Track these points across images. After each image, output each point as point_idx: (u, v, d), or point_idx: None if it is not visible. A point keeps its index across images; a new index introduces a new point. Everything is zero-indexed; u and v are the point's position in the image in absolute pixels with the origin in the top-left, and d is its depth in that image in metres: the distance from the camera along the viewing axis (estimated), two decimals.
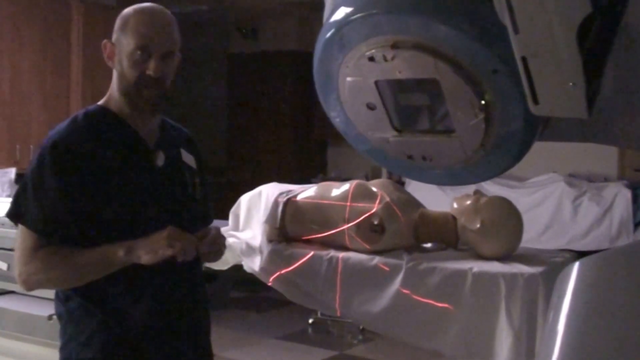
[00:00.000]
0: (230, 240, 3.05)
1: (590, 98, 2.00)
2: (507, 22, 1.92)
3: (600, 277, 1.69)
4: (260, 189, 3.09)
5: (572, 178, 7.65)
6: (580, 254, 2.12)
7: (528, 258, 2.72)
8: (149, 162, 2.44)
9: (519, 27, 1.89)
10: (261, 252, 2.94)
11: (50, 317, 3.27)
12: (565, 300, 1.63)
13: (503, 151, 2.75)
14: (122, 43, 2.39)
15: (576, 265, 1.68)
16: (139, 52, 2.36)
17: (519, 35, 1.91)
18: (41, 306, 3.41)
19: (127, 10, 2.47)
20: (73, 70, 7.71)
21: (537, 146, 2.76)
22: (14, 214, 2.35)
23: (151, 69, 2.37)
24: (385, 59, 2.64)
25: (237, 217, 3.11)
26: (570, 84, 1.94)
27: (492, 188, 6.86)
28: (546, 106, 2.06)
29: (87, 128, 2.39)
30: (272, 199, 2.99)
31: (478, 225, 2.71)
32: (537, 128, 2.65)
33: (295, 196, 3.01)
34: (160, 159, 2.46)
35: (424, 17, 2.54)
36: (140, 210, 2.39)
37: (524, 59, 1.96)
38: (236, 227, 3.10)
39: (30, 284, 2.38)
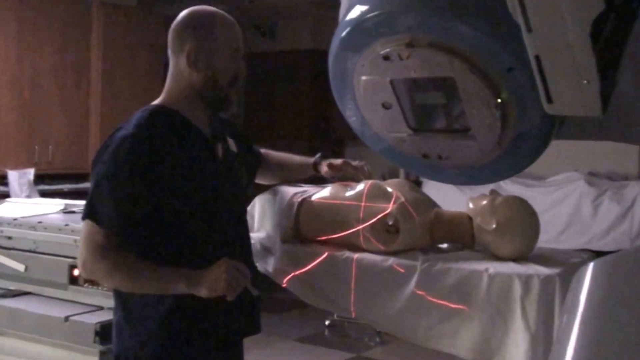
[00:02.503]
0: None
1: (604, 96, 1.98)
2: (520, 20, 1.90)
3: (615, 278, 1.66)
4: (275, 188, 3.08)
5: (592, 177, 7.57)
6: (599, 254, 2.08)
7: (545, 259, 2.67)
8: (212, 156, 2.58)
9: (532, 25, 1.87)
10: (275, 252, 2.93)
11: (66, 319, 3.28)
12: (579, 302, 1.60)
13: (520, 150, 2.73)
14: (213, 47, 2.52)
15: (590, 266, 1.65)
16: (235, 54, 2.54)
17: (532, 34, 1.90)
18: (58, 308, 3.42)
19: (201, 14, 2.57)
20: (93, 72, 7.74)
21: (557, 144, 2.73)
22: (88, 213, 2.42)
23: (243, 69, 2.60)
24: (400, 58, 2.63)
25: (251, 217, 3.08)
26: (584, 82, 1.91)
27: (510, 187, 6.80)
28: (560, 105, 2.04)
29: (155, 128, 2.48)
30: (286, 199, 2.98)
31: (494, 226, 2.67)
32: (554, 126, 2.63)
33: (310, 196, 2.99)
34: (219, 152, 2.61)
35: (439, 15, 2.53)
36: (214, 203, 2.56)
37: (537, 58, 1.94)
38: (251, 228, 3.07)
39: (92, 277, 2.62)
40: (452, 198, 4.62)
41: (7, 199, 4.47)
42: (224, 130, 2.74)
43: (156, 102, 2.61)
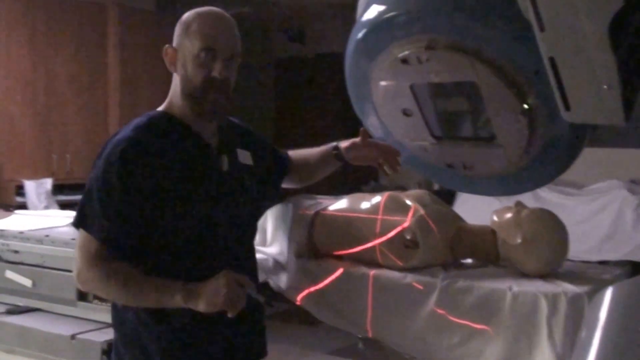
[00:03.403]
0: (257, 256, 2.93)
1: (628, 102, 1.83)
2: (531, 17, 1.78)
3: (633, 303, 1.56)
4: (288, 201, 2.96)
5: (634, 184, 7.38)
6: None
7: (574, 275, 2.53)
8: (216, 168, 2.44)
9: (545, 23, 1.77)
10: (288, 268, 2.80)
11: (73, 337, 3.19)
12: (596, 329, 1.52)
13: (550, 158, 2.62)
14: (185, 46, 2.39)
15: (609, 290, 1.57)
16: (203, 54, 2.36)
17: (544, 33, 1.80)
18: (65, 325, 3.33)
19: (188, 14, 2.45)
20: (110, 78, 7.63)
21: (595, 151, 2.62)
22: (79, 221, 2.34)
23: (217, 70, 2.37)
24: (419, 61, 2.54)
25: (264, 231, 2.97)
26: (604, 86, 1.77)
27: (548, 195, 6.66)
28: (578, 112, 1.92)
29: (153, 134, 2.37)
30: (299, 212, 2.87)
31: (519, 240, 2.53)
32: (586, 132, 2.52)
33: (324, 209, 2.87)
34: (224, 164, 2.47)
35: (459, 16, 2.44)
36: (210, 216, 2.40)
37: (551, 60, 1.82)
38: (263, 242, 2.96)
39: (86, 287, 2.43)
40: (486, 210, 4.47)
41: (16, 211, 4.43)
42: (235, 140, 2.60)
43: (160, 108, 2.51)
